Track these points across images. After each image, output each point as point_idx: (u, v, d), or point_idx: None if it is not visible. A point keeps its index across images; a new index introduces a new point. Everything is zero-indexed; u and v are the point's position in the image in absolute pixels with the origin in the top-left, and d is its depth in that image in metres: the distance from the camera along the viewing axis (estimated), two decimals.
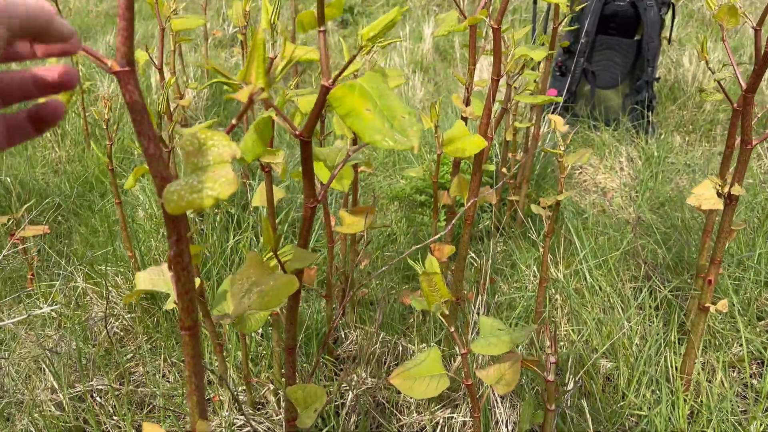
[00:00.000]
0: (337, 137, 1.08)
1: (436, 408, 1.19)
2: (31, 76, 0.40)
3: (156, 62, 1.34)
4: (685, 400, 1.24)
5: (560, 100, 1.11)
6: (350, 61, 0.67)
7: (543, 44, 1.69)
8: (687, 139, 2.82)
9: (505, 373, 0.93)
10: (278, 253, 0.85)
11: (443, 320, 0.89)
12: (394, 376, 0.88)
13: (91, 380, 1.27)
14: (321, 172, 0.94)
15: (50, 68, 0.41)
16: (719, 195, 1.10)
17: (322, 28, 0.68)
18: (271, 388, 1.21)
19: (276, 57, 1.11)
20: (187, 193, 0.42)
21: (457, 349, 0.96)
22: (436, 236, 0.97)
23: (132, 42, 0.45)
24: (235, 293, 0.73)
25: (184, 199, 0.42)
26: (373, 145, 0.59)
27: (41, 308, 1.27)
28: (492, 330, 0.90)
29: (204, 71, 3.24)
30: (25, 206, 1.62)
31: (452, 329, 0.90)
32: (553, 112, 2.74)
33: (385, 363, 1.31)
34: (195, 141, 0.45)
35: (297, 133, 0.70)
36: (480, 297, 1.22)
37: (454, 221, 1.04)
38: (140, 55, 1.20)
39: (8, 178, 2.20)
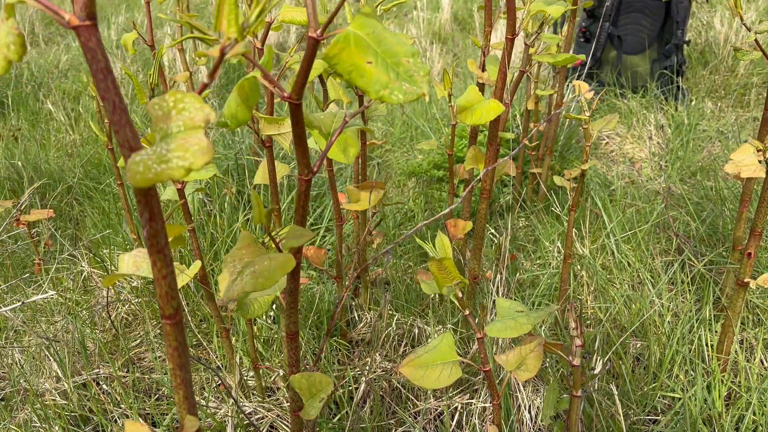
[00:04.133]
0: (331, 101, 1.00)
1: (454, 393, 1.12)
2: None
3: (146, 38, 1.27)
4: (722, 381, 1.16)
5: (582, 58, 1.02)
6: (340, 5, 0.59)
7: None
8: (719, 104, 2.68)
9: (527, 357, 0.86)
10: (280, 233, 0.78)
11: (457, 303, 0.82)
12: (405, 365, 0.82)
13: (97, 368, 1.23)
14: (320, 141, 0.87)
15: None
16: (761, 161, 1.01)
17: None
18: (281, 374, 1.16)
19: (273, 21, 1.03)
20: (154, 163, 0.36)
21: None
22: (449, 208, 0.89)
23: None
24: (226, 276, 0.67)
25: (151, 170, 0.36)
26: (382, 101, 0.53)
27: (36, 295, 1.23)
28: (510, 312, 0.83)
29: None
30: (31, 188, 1.58)
31: (466, 312, 0.83)
32: (577, 78, 2.62)
33: (400, 345, 1.25)
34: (164, 104, 0.39)
35: (285, 95, 0.63)
36: (499, 276, 1.15)
37: (466, 193, 0.97)
38: (128, 37, 1.13)
39: (20, 162, 2.18)
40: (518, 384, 1.07)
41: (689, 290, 1.39)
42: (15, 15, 0.42)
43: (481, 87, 1.27)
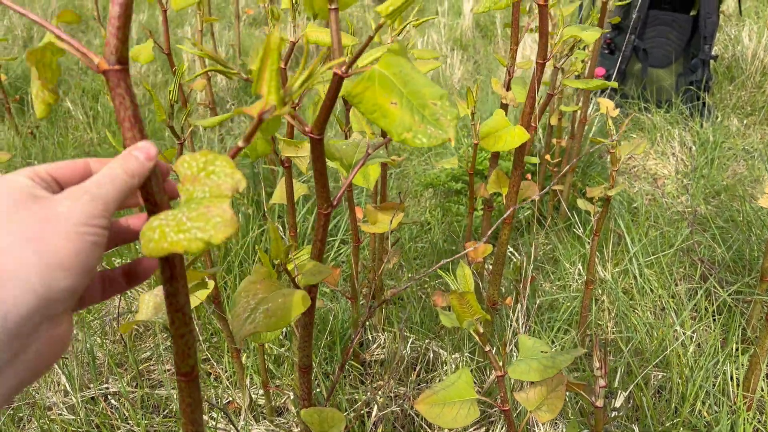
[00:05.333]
0: (354, 131, 0.98)
1: (469, 426, 1.09)
2: (125, 224, 0.44)
3: (162, 47, 1.25)
4: (747, 420, 1.12)
5: (615, 85, 0.98)
6: (366, 44, 0.56)
7: (592, 22, 1.55)
8: (745, 122, 2.63)
9: (548, 397, 0.83)
10: (296, 256, 0.76)
11: (477, 339, 0.79)
12: (420, 401, 0.79)
13: (106, 382, 1.21)
14: (341, 168, 0.85)
15: (132, 220, 0.44)
16: None
17: (333, 6, 0.58)
18: (292, 396, 1.13)
19: (297, 41, 1.01)
20: (171, 231, 0.34)
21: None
22: (473, 247, 0.86)
23: (127, 34, 0.36)
24: (239, 313, 0.64)
25: (167, 239, 0.33)
26: (405, 143, 0.50)
27: None
28: (533, 352, 0.80)
29: (236, 51, 3.16)
30: None
31: (487, 349, 0.79)
32: (601, 93, 2.58)
33: (414, 369, 1.22)
34: (193, 164, 0.37)
35: (306, 129, 0.61)
36: (519, 304, 1.12)
37: (492, 229, 0.93)
38: (141, 49, 1.10)
39: (36, 162, 2.17)
40: (536, 420, 1.04)
41: (714, 320, 1.35)
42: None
43: (505, 106, 1.24)
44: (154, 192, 0.38)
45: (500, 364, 0.80)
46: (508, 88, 1.25)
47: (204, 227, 0.33)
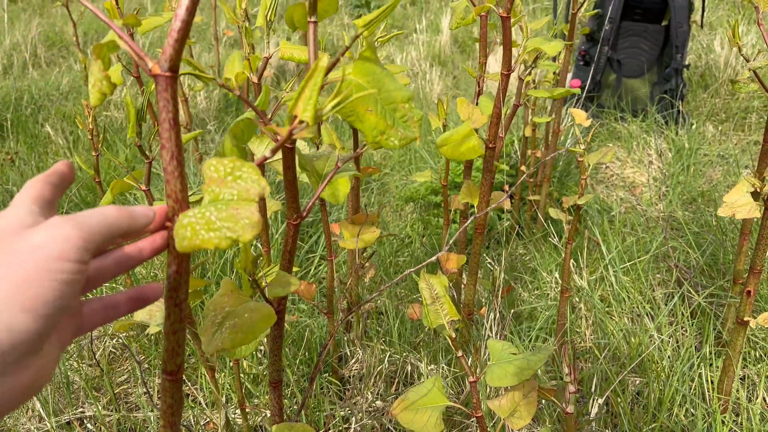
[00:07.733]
0: (325, 144, 0.99)
1: None
2: (135, 249, 0.42)
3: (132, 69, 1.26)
4: (723, 422, 1.12)
5: (578, 92, 1.00)
6: (341, 54, 0.58)
7: (562, 33, 1.58)
8: (720, 128, 2.67)
9: (520, 403, 0.83)
10: (269, 271, 0.76)
11: (450, 344, 0.79)
12: (395, 407, 0.79)
13: (81, 406, 1.20)
14: (311, 179, 0.86)
15: (142, 243, 0.42)
16: (755, 195, 0.98)
17: (312, 19, 0.60)
18: (268, 415, 1.13)
19: (270, 57, 1.02)
20: (202, 229, 0.37)
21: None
22: (438, 255, 0.87)
23: (182, 47, 0.39)
24: (207, 327, 0.64)
25: (199, 236, 0.36)
26: (379, 145, 0.54)
27: None
28: (504, 354, 0.80)
29: (216, 72, 3.18)
30: None
31: (459, 354, 0.80)
32: (576, 104, 2.61)
33: (393, 383, 1.22)
34: (220, 168, 0.40)
35: (279, 139, 0.62)
36: (493, 314, 1.12)
37: (464, 227, 0.94)
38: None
39: (15, 188, 2.16)
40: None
41: (689, 324, 1.36)
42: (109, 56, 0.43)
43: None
44: (177, 190, 0.40)
45: (473, 369, 0.80)
46: (480, 94, 1.26)
47: (233, 227, 0.35)
